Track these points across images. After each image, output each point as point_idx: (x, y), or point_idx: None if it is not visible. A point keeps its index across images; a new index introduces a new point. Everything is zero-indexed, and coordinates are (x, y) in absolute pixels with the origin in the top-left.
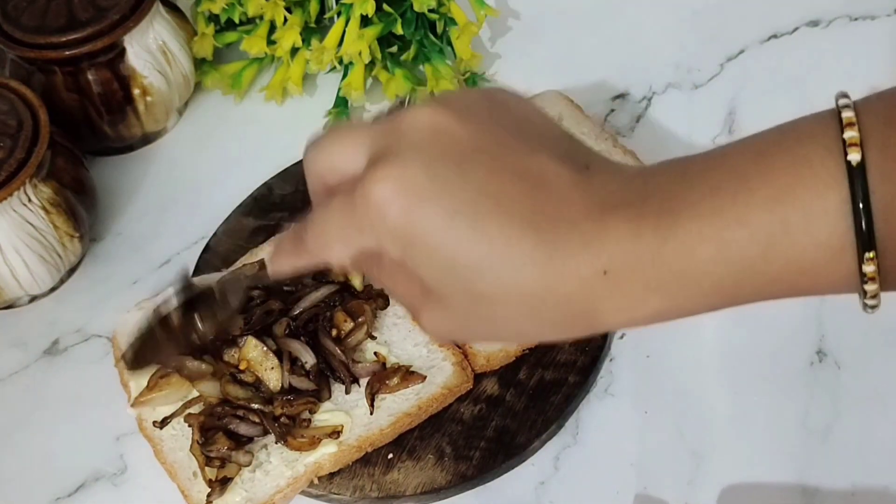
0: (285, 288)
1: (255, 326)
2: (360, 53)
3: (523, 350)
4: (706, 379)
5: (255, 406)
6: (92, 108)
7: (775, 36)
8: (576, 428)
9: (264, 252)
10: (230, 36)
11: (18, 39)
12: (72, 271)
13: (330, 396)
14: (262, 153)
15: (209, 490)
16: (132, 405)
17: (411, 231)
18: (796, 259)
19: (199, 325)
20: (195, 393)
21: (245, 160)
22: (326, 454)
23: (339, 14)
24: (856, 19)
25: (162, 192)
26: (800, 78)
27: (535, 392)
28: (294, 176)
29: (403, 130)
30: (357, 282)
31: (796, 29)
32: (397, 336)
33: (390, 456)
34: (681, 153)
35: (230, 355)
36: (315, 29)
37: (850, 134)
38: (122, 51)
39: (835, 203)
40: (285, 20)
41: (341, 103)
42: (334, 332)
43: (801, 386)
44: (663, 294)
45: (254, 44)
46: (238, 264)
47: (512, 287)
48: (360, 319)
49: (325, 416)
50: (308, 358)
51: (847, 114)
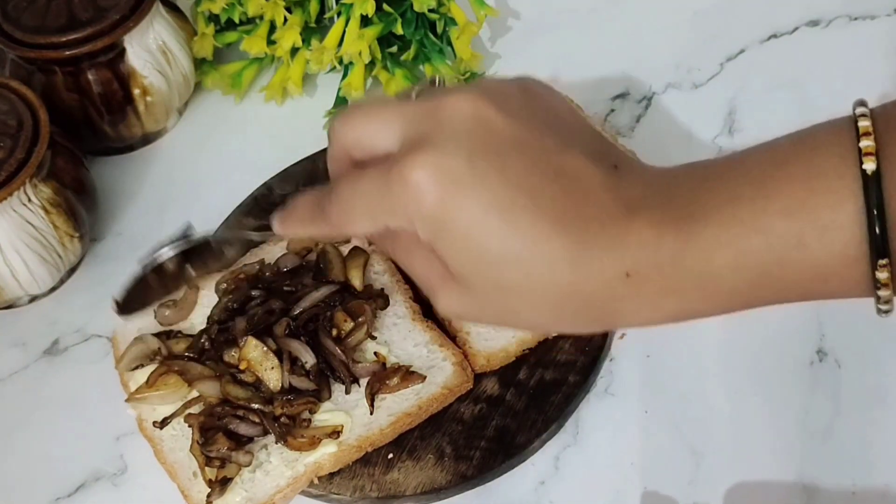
0: (285, 288)
1: (256, 326)
2: (360, 53)
3: (523, 350)
4: (706, 379)
5: (255, 406)
6: (92, 108)
7: (775, 36)
8: (576, 428)
9: (264, 252)
10: (230, 36)
11: (18, 39)
12: (72, 271)
13: (330, 396)
14: (262, 153)
15: (209, 490)
16: (127, 400)
17: (446, 219)
18: (811, 267)
19: (192, 273)
20: (195, 393)
21: (245, 160)
22: (326, 454)
23: (339, 14)
24: (856, 19)
25: (162, 192)
26: (800, 78)
27: (536, 392)
28: (294, 176)
29: (444, 117)
30: (357, 282)
31: (796, 29)
32: (397, 336)
33: (390, 456)
34: (681, 153)
35: (230, 355)
36: (315, 29)
37: (866, 143)
38: (122, 51)
39: (850, 214)
40: (285, 20)
41: (341, 103)
42: (334, 332)
43: (801, 386)
44: (681, 297)
45: (254, 44)
46: (238, 264)
47: (539, 282)
48: (360, 319)
49: (325, 416)
50: (308, 358)
51: (864, 123)
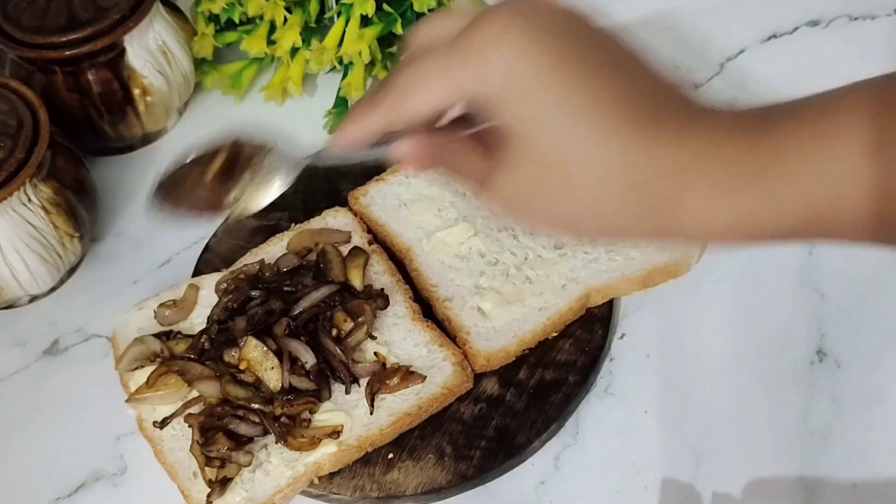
0: (285, 288)
1: (256, 326)
2: (360, 53)
3: (523, 350)
4: (706, 379)
5: (255, 406)
6: (92, 108)
7: (775, 36)
8: (576, 428)
9: (264, 252)
10: (230, 36)
11: (18, 39)
12: (72, 271)
13: (330, 396)
14: None
15: (209, 490)
16: (127, 401)
17: (511, 72)
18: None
19: (232, 186)
20: (195, 393)
21: None
22: (326, 454)
23: (339, 14)
24: (856, 19)
25: None
26: (800, 78)
27: (536, 392)
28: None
29: (521, 3)
30: (357, 282)
31: (796, 29)
32: (397, 336)
33: (390, 456)
34: None
35: (230, 355)
36: (315, 29)
37: None
38: (122, 51)
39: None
40: (285, 20)
41: (341, 103)
42: (334, 332)
43: (801, 386)
44: (744, 202)
45: (254, 44)
46: (238, 264)
47: (594, 157)
48: (360, 319)
49: (325, 416)
50: (308, 358)
51: None
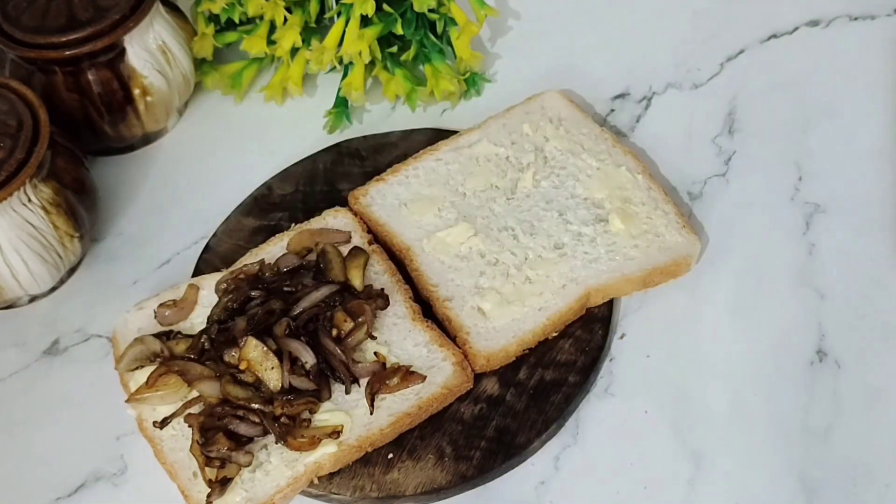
0: (285, 288)
1: (256, 326)
2: (360, 53)
3: (523, 350)
4: (706, 379)
5: (255, 406)
6: (92, 108)
7: (775, 36)
8: (576, 428)
9: (264, 252)
10: (230, 36)
11: (18, 39)
12: (72, 271)
13: (330, 396)
14: (262, 153)
15: (209, 490)
16: (127, 401)
17: None
18: None
19: None
20: (195, 393)
21: (245, 160)
22: (326, 454)
23: (339, 14)
24: (856, 19)
25: (162, 192)
26: (800, 78)
27: (536, 392)
28: (294, 176)
29: None
30: (357, 282)
31: (796, 29)
32: (397, 336)
33: (390, 456)
34: (681, 153)
35: (230, 355)
36: (315, 29)
37: None
38: (123, 51)
39: None
40: (285, 20)
41: (341, 103)
42: (334, 332)
43: (801, 386)
44: None
45: (254, 44)
46: (238, 264)
47: None
48: (360, 319)
49: (325, 416)
50: (308, 358)
51: None
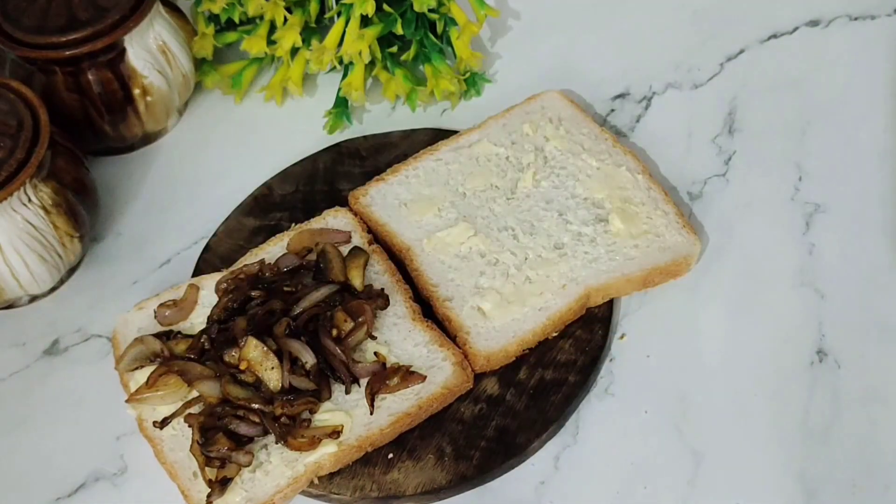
0: (285, 288)
1: (256, 326)
2: (360, 53)
3: (523, 350)
4: (706, 379)
5: (255, 406)
6: (92, 108)
7: (775, 36)
8: (576, 428)
9: (264, 252)
10: (230, 36)
11: (19, 39)
12: (72, 271)
13: (330, 396)
14: (262, 153)
15: (209, 490)
16: (127, 401)
17: None
18: None
19: None
20: (195, 393)
21: (245, 160)
22: (326, 454)
23: (339, 14)
24: (856, 19)
25: (162, 192)
26: (800, 78)
27: (536, 392)
28: (294, 176)
29: None
30: (357, 282)
31: (796, 29)
32: (397, 336)
33: (390, 456)
34: (681, 153)
35: (230, 355)
36: (315, 29)
37: None
38: (123, 51)
39: None
40: (285, 20)
41: (341, 103)
42: (334, 332)
43: (801, 386)
44: None
45: (254, 44)
46: (238, 264)
47: None
48: (360, 319)
49: (325, 416)
50: (308, 358)
51: None
